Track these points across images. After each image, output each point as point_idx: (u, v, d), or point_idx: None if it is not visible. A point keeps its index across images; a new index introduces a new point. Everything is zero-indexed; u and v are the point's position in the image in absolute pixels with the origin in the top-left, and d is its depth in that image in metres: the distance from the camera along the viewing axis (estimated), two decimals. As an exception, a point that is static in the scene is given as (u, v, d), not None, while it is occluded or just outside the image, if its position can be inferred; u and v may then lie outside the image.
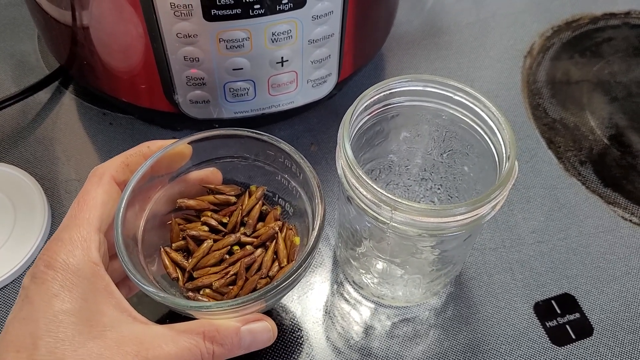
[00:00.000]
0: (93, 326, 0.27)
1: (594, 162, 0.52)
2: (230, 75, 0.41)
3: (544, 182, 0.50)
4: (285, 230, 0.37)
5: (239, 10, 0.37)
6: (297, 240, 0.37)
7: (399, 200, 0.31)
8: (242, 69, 0.41)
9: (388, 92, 0.36)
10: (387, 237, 0.35)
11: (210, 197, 0.38)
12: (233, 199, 0.38)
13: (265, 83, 0.43)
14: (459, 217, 0.31)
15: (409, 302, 0.42)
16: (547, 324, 0.42)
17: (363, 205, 0.33)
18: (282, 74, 0.43)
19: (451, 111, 0.38)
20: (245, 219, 0.38)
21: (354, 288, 0.43)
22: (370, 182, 0.32)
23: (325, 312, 0.42)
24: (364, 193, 0.32)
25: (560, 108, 0.56)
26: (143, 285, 0.30)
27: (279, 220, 0.38)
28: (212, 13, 0.37)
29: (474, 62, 0.60)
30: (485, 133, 0.36)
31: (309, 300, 0.43)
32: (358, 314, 0.42)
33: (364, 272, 0.40)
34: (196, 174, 0.37)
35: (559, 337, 0.42)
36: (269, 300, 0.32)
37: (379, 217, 0.32)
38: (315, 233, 0.33)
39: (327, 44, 0.43)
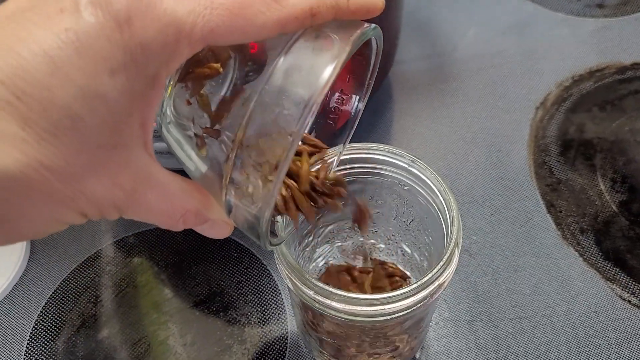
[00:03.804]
0: (114, 130, 0.20)
1: (597, 231, 0.48)
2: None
3: (537, 251, 0.47)
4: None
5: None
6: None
7: (318, 284, 0.29)
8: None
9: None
10: (318, 315, 0.33)
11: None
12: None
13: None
14: (386, 307, 0.29)
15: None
16: (514, 414, 0.39)
17: (289, 284, 0.31)
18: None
19: (409, 181, 0.35)
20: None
21: None
22: (288, 255, 0.30)
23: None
24: (289, 273, 0.30)
25: (568, 167, 0.52)
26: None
27: None
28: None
29: (479, 111, 0.56)
30: (438, 209, 0.34)
31: (262, 363, 0.41)
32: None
33: (313, 342, 0.39)
34: None
35: None
36: None
37: (304, 296, 0.31)
38: None
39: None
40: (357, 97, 0.32)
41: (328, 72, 0.21)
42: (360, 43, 0.23)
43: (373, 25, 0.24)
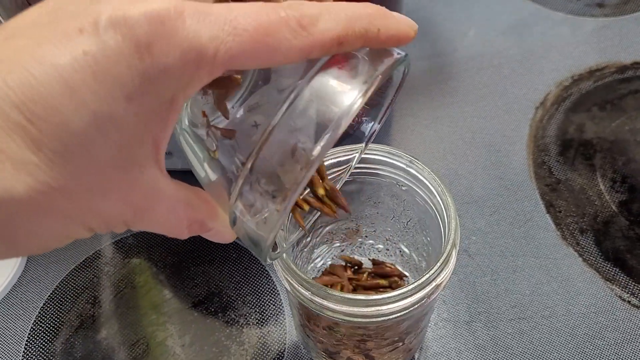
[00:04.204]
0: (126, 152, 0.20)
1: (596, 231, 0.47)
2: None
3: (536, 251, 0.46)
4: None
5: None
6: None
7: (314, 284, 0.29)
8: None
9: (335, 160, 0.34)
10: (315, 317, 0.33)
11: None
12: None
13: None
14: (383, 308, 0.29)
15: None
16: (513, 415, 0.39)
17: (286, 285, 0.31)
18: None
19: (407, 182, 0.35)
20: None
21: None
22: (288, 261, 0.30)
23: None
24: (285, 274, 0.30)
25: (568, 167, 0.51)
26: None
27: None
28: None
29: (479, 111, 0.56)
30: (436, 209, 0.34)
31: (260, 364, 0.41)
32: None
33: (311, 343, 0.38)
34: None
35: None
36: None
37: (301, 297, 0.30)
38: None
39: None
40: (377, 110, 0.31)
41: (351, 108, 0.20)
42: (388, 76, 0.22)
43: (403, 54, 0.23)
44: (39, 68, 0.17)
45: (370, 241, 0.42)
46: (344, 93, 0.21)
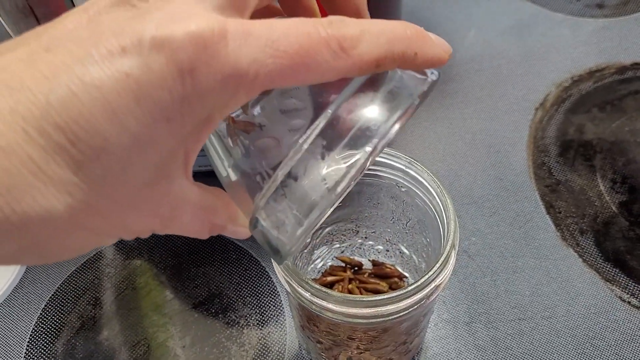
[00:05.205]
0: (161, 169, 0.20)
1: (596, 231, 0.47)
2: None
3: (536, 252, 0.46)
4: None
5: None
6: None
7: (314, 285, 0.29)
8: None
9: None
10: (315, 318, 0.33)
11: None
12: None
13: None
14: (383, 309, 0.29)
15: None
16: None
17: (286, 286, 0.31)
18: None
19: (406, 183, 0.35)
20: None
21: None
22: (288, 263, 0.30)
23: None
24: (285, 276, 0.30)
25: (568, 168, 0.52)
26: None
27: None
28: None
29: (479, 112, 0.56)
30: (435, 211, 0.34)
31: (261, 365, 0.41)
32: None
33: (311, 344, 0.39)
34: None
35: None
36: None
37: (301, 298, 0.31)
38: None
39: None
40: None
41: (387, 133, 0.20)
42: (424, 99, 0.22)
43: (437, 74, 0.23)
44: (82, 88, 0.17)
45: (370, 242, 0.42)
46: (380, 117, 0.21)
